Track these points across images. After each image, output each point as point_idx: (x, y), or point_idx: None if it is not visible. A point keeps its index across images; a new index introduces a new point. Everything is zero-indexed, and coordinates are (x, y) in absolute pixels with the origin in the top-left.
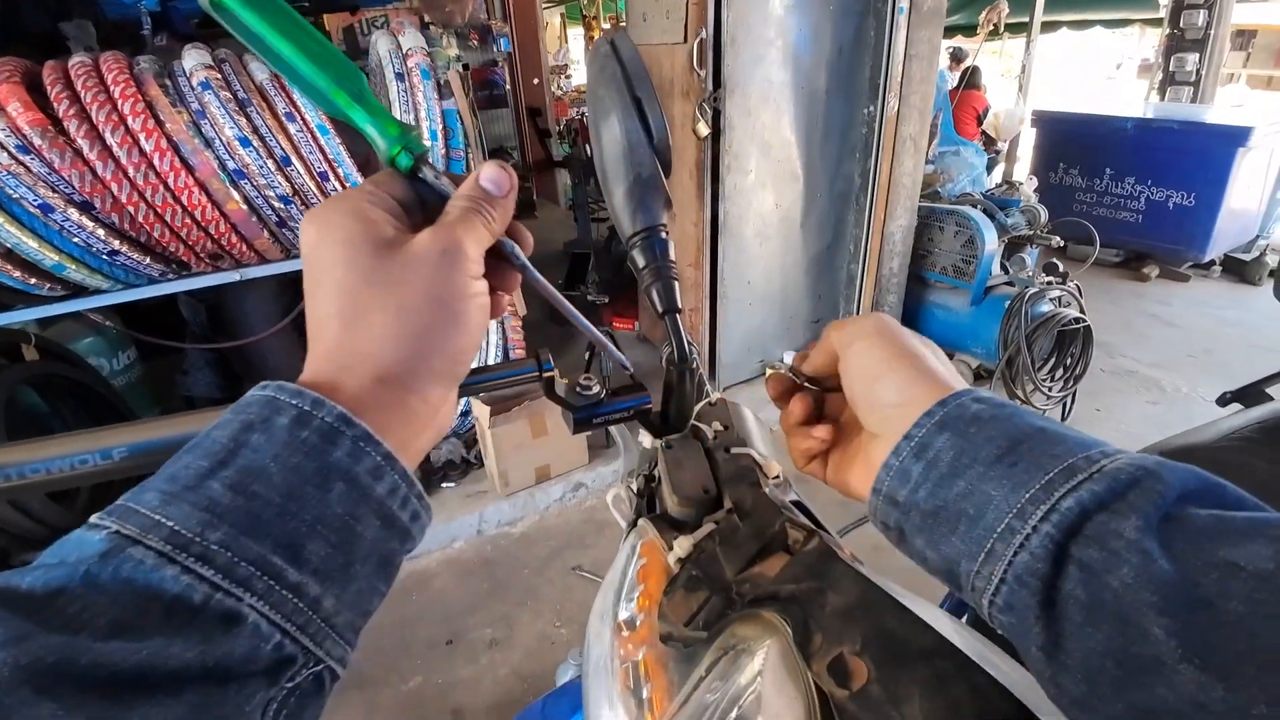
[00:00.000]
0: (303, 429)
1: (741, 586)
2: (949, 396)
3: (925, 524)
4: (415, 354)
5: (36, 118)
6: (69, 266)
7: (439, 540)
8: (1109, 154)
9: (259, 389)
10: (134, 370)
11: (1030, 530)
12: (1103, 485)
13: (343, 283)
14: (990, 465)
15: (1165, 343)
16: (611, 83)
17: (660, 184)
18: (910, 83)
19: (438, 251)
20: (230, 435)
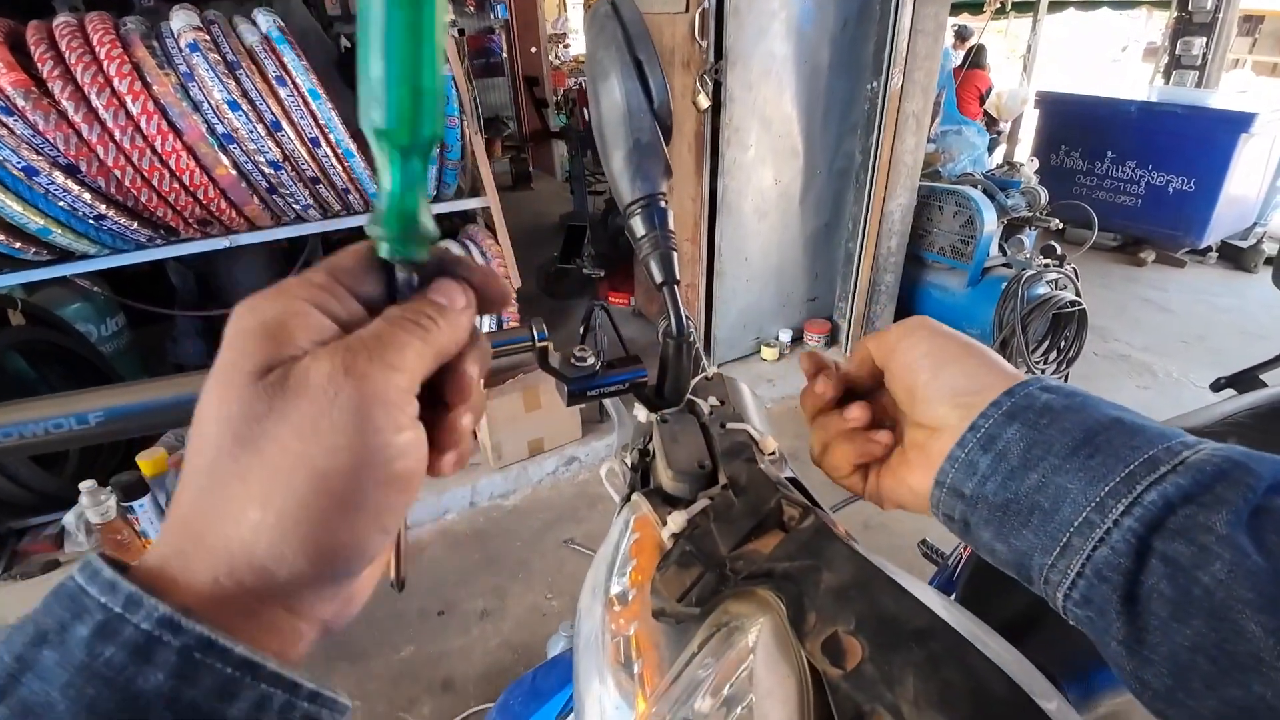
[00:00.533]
0: (106, 643)
1: (736, 563)
2: (1016, 386)
3: (994, 517)
4: (279, 553)
5: (20, 78)
6: (54, 231)
7: (431, 511)
8: (1111, 137)
9: (78, 570)
10: (122, 337)
11: (1111, 524)
12: (1188, 478)
13: (212, 432)
14: (1065, 458)
15: (1158, 328)
16: (611, 43)
17: (660, 150)
18: (915, 59)
19: (333, 389)
20: (16, 653)
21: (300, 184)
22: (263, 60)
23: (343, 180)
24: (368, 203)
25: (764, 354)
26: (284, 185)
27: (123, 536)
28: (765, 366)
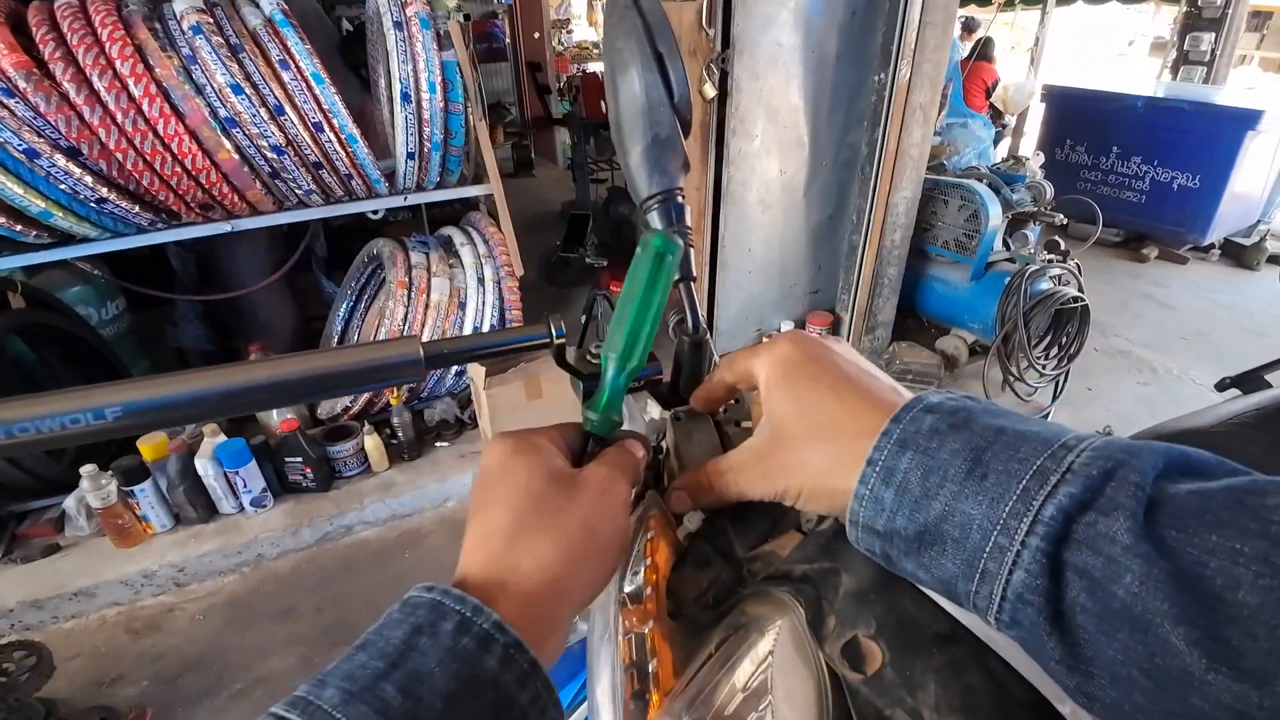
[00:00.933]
0: (463, 635)
1: (753, 564)
2: (901, 411)
3: (911, 549)
4: (561, 578)
5: (21, 60)
6: (56, 214)
7: (432, 499)
8: (1117, 132)
9: (424, 590)
10: (123, 320)
11: (1019, 546)
12: (1077, 485)
13: (516, 504)
14: (961, 482)
15: (1159, 324)
16: (632, 35)
17: (679, 145)
18: (924, 50)
19: (601, 484)
20: (402, 638)
21: (303, 169)
22: (266, 43)
23: (345, 165)
24: (370, 188)
25: None
26: (287, 170)
27: (124, 520)
28: None
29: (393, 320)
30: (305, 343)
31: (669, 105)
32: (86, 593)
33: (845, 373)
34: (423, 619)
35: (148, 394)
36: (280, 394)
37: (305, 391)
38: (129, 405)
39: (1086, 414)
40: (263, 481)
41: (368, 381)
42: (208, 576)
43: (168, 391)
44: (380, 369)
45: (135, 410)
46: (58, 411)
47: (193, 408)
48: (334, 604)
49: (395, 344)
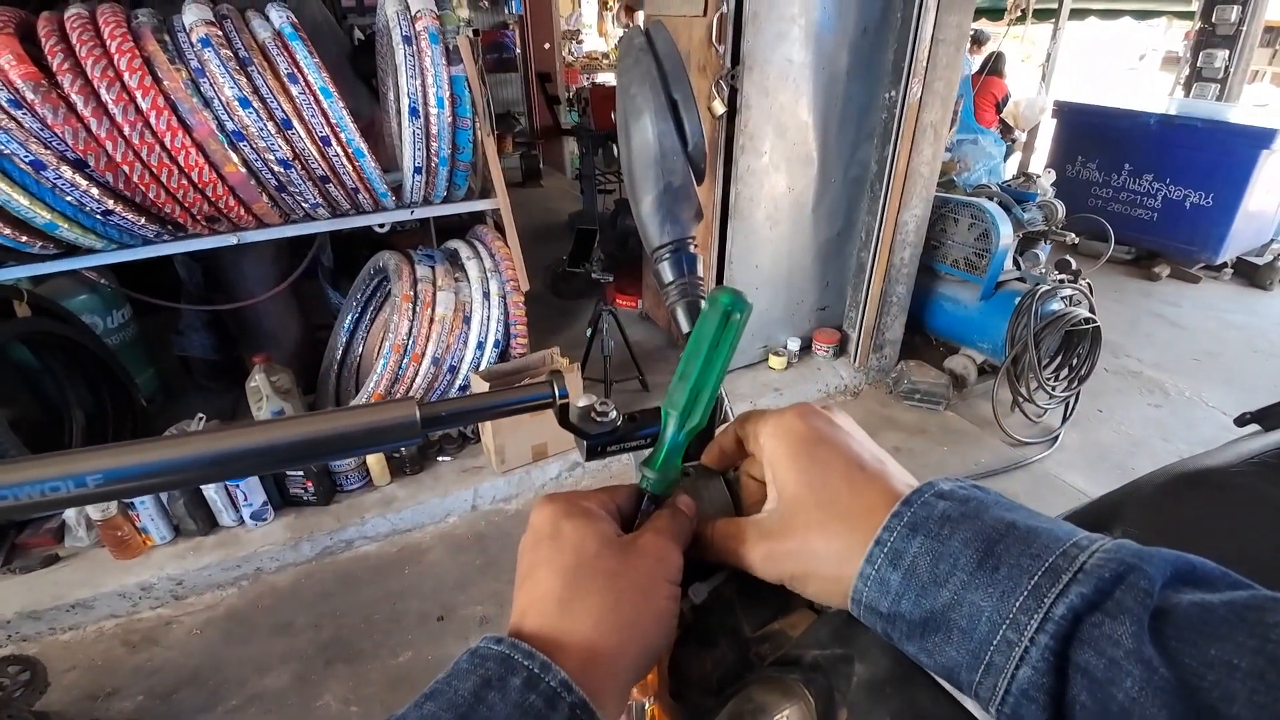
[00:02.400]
0: (530, 691)
1: (761, 645)
2: (912, 495)
3: (914, 633)
4: (619, 643)
5: (29, 71)
6: (61, 225)
7: (433, 514)
8: (1129, 149)
9: (493, 641)
10: (128, 329)
11: (1028, 643)
12: (1089, 586)
13: (567, 567)
14: (972, 572)
15: (1170, 344)
16: (645, 80)
17: (692, 193)
18: (935, 68)
19: (655, 550)
20: (472, 690)
21: (310, 182)
22: (275, 56)
23: (352, 180)
24: (377, 202)
25: (772, 363)
26: (293, 184)
27: (123, 532)
28: (773, 375)
29: (397, 334)
30: (310, 353)
31: (682, 154)
32: (84, 604)
33: (857, 457)
34: (491, 671)
35: (130, 460)
36: (273, 460)
37: (298, 456)
38: (110, 473)
39: (1097, 435)
40: (264, 495)
41: (363, 445)
42: (206, 590)
43: (152, 458)
44: (376, 432)
45: (117, 477)
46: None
47: (179, 474)
48: (332, 620)
49: (392, 406)
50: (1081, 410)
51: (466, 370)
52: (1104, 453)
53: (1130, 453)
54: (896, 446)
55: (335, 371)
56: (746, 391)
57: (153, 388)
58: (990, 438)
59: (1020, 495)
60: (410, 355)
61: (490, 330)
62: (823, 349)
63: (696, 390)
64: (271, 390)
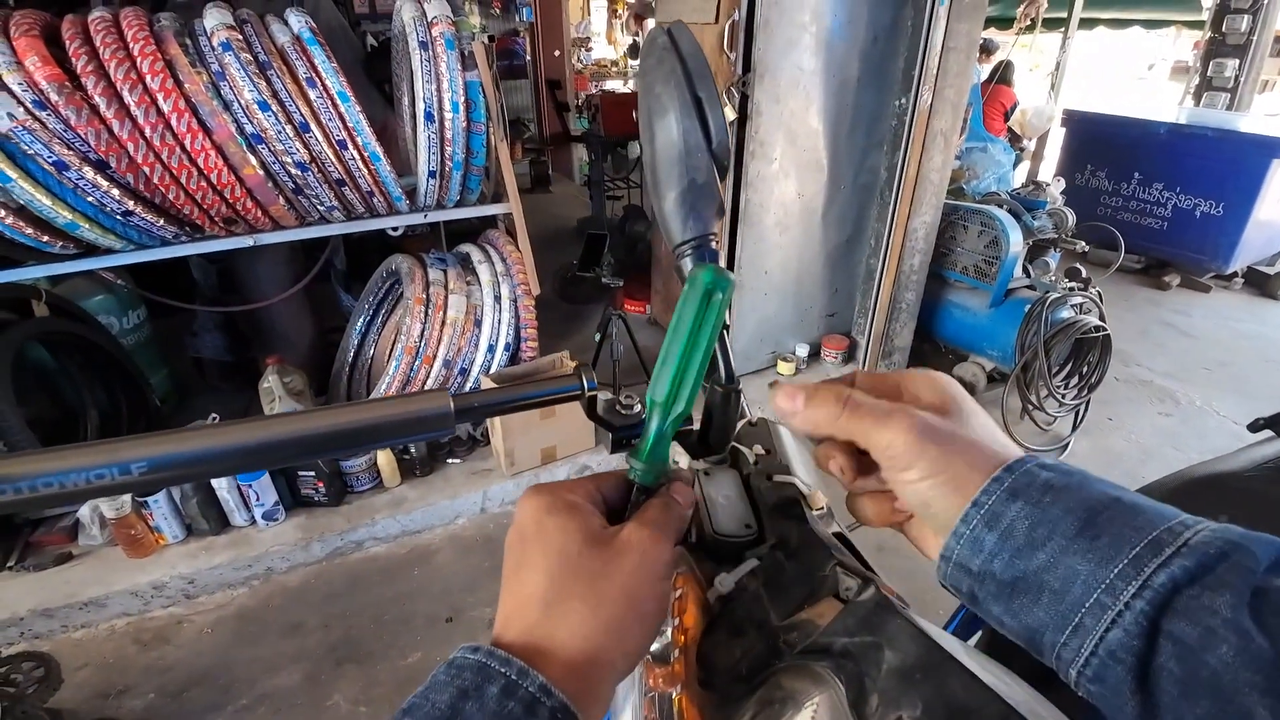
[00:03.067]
0: (509, 699)
1: (789, 634)
2: (1015, 462)
3: (1002, 593)
4: (601, 647)
5: (54, 73)
6: (82, 225)
7: (442, 516)
8: (1139, 158)
9: (469, 651)
10: (143, 329)
11: (1123, 606)
12: (1192, 560)
13: (551, 568)
14: (1072, 538)
15: (1181, 353)
16: (670, 79)
17: (715, 190)
18: (946, 76)
19: (641, 547)
20: (448, 702)
21: (326, 185)
22: (294, 61)
23: (367, 183)
24: (391, 205)
25: (780, 368)
26: (310, 186)
27: (136, 530)
28: None
29: (409, 336)
30: (322, 355)
31: (707, 151)
32: (97, 603)
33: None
34: (468, 682)
35: (174, 448)
36: (310, 448)
37: (335, 446)
38: (154, 460)
39: (1108, 444)
40: (275, 495)
41: (398, 435)
42: (217, 589)
43: (195, 446)
44: (410, 422)
45: (161, 465)
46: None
47: (220, 462)
48: (341, 621)
49: (425, 397)
50: (1091, 418)
51: (477, 373)
52: (1114, 461)
53: (1141, 461)
54: None
55: (347, 373)
56: (755, 397)
57: (166, 388)
58: None
59: None
60: (422, 358)
61: (501, 333)
62: (831, 355)
63: (680, 376)
64: (284, 391)
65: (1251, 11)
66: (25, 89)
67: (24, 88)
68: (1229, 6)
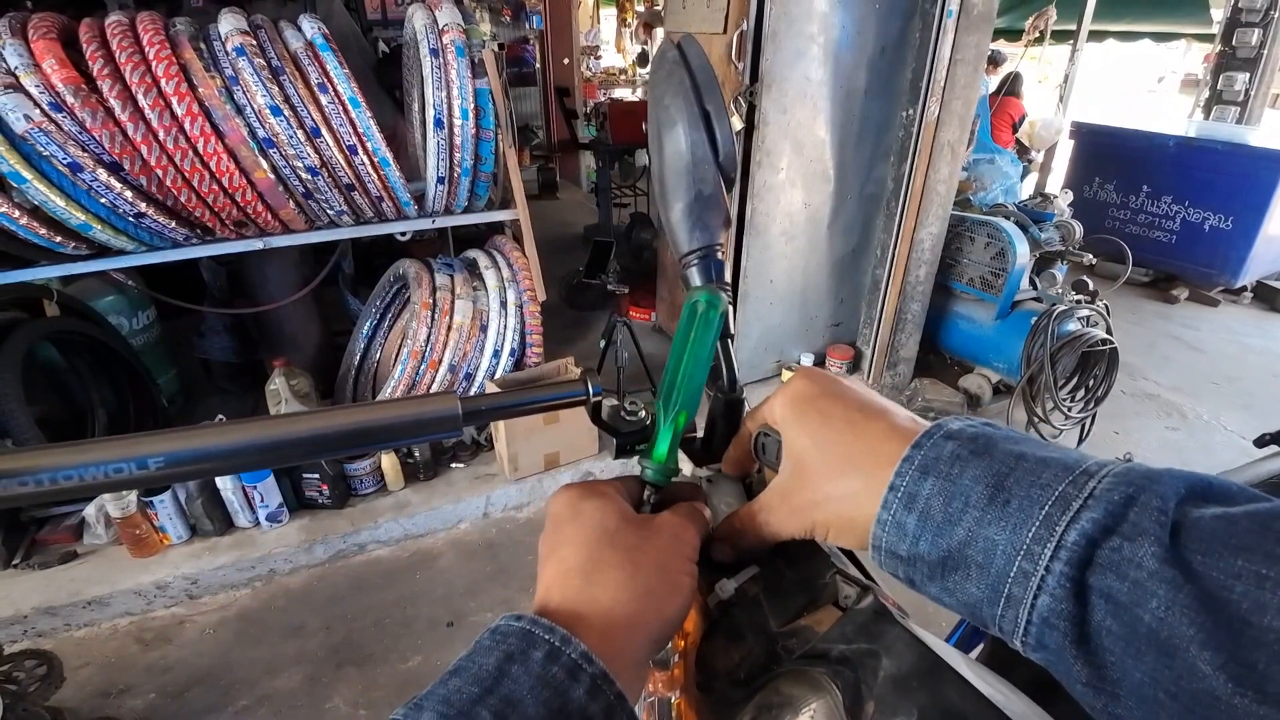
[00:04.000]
0: (553, 664)
1: (788, 640)
2: (921, 438)
3: (935, 573)
4: (639, 612)
5: (70, 75)
6: (95, 226)
7: (445, 520)
8: (1148, 171)
9: (513, 619)
10: (153, 330)
11: (1044, 571)
12: (1100, 510)
13: (590, 541)
14: (984, 508)
15: (1189, 367)
16: (679, 92)
17: (722, 201)
18: (953, 88)
19: (672, 528)
20: (495, 664)
21: (335, 190)
22: (306, 66)
23: (377, 188)
24: (400, 210)
25: (785, 377)
26: (320, 191)
27: (141, 530)
28: None
29: (415, 341)
30: (329, 358)
31: (714, 162)
32: (100, 601)
33: (860, 404)
34: (514, 647)
35: (190, 444)
36: (321, 447)
37: (345, 445)
38: (171, 455)
39: None
40: (279, 496)
41: (406, 435)
42: (220, 590)
43: (210, 442)
44: (419, 423)
45: (177, 460)
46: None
47: (234, 459)
48: (342, 623)
49: (434, 399)
50: (1098, 432)
51: (482, 378)
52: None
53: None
54: None
55: (353, 377)
56: None
57: (174, 389)
58: None
59: None
60: (427, 362)
61: (506, 339)
62: (836, 365)
63: (673, 382)
64: (290, 394)
65: (1262, 25)
66: (42, 91)
67: (41, 90)
68: (1239, 20)
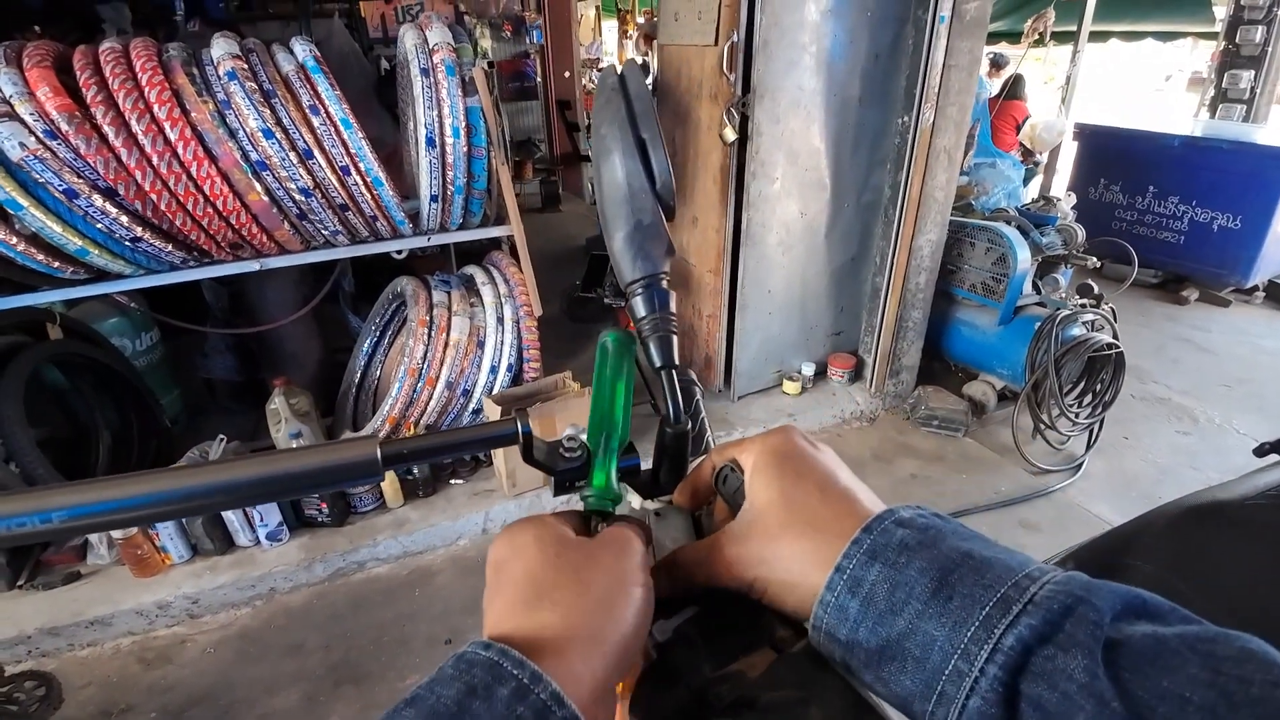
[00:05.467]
0: (519, 703)
1: (720, 686)
2: (873, 521)
3: (872, 661)
4: (596, 628)
5: (64, 103)
6: (92, 252)
7: (444, 537)
8: (1153, 171)
9: (480, 648)
10: (156, 351)
11: (978, 673)
12: (1038, 617)
13: (533, 571)
14: (927, 601)
15: (1199, 370)
16: (615, 120)
17: (662, 230)
18: (948, 94)
19: (617, 540)
20: (454, 698)
21: (330, 210)
22: (298, 88)
23: (371, 207)
24: (395, 229)
25: (786, 387)
26: (314, 212)
27: (143, 550)
28: (787, 400)
29: (412, 358)
30: (330, 374)
31: (651, 192)
32: (103, 621)
33: (833, 474)
34: (478, 679)
35: (96, 497)
36: (235, 497)
37: (260, 495)
38: (75, 509)
39: (1124, 464)
40: (279, 515)
41: (324, 483)
42: (221, 609)
43: (116, 495)
44: (337, 470)
45: (82, 514)
46: (6, 514)
47: (142, 510)
48: (342, 641)
49: (352, 445)
50: (1106, 437)
51: (480, 394)
52: (1130, 481)
53: (1158, 481)
54: (913, 473)
55: (353, 394)
56: (760, 417)
57: (177, 409)
58: (1011, 465)
59: (1043, 524)
60: (425, 379)
61: (504, 355)
62: (838, 374)
63: (598, 410)
64: (290, 413)
65: (1265, 22)
66: (37, 119)
67: (35, 117)
68: (1241, 17)
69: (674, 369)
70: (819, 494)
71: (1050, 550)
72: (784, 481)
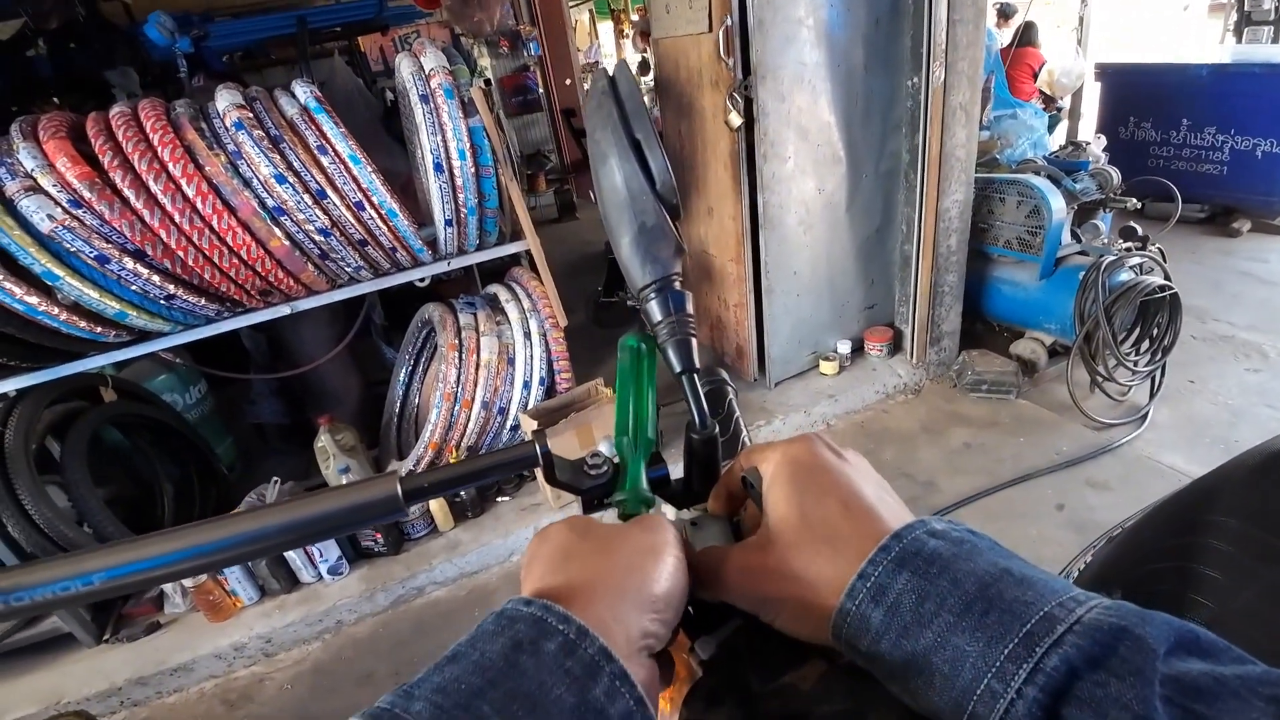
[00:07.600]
0: (568, 658)
1: (769, 701)
2: (903, 529)
3: (895, 674)
4: (618, 579)
5: (84, 171)
6: (130, 313)
7: (497, 555)
8: (1184, 104)
9: (522, 603)
10: (205, 403)
11: (1014, 694)
12: (1087, 639)
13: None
14: (960, 614)
15: (1262, 303)
16: (608, 124)
17: (668, 230)
18: (956, 49)
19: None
20: (500, 653)
21: (349, 247)
22: (303, 131)
23: (389, 240)
24: (414, 258)
25: (823, 368)
26: (335, 250)
27: (214, 596)
28: (825, 381)
29: (446, 383)
30: (372, 406)
31: (651, 192)
32: (185, 668)
33: (858, 488)
34: (522, 634)
35: (129, 558)
36: (262, 547)
37: (287, 542)
38: (112, 571)
39: (1192, 409)
40: (338, 550)
41: (348, 524)
42: (293, 645)
43: (148, 554)
44: (359, 510)
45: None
46: (49, 580)
47: (173, 566)
48: (410, 667)
49: (372, 484)
50: (1171, 384)
51: (516, 411)
52: (1201, 427)
53: (1231, 424)
54: (966, 442)
55: (395, 424)
56: (800, 401)
57: (231, 456)
58: (1071, 423)
59: (1112, 482)
60: (461, 402)
61: (535, 369)
62: (876, 348)
63: (622, 417)
64: (337, 449)
65: None
66: (60, 189)
67: (58, 188)
68: None
69: (695, 373)
70: (840, 509)
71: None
72: (803, 496)
